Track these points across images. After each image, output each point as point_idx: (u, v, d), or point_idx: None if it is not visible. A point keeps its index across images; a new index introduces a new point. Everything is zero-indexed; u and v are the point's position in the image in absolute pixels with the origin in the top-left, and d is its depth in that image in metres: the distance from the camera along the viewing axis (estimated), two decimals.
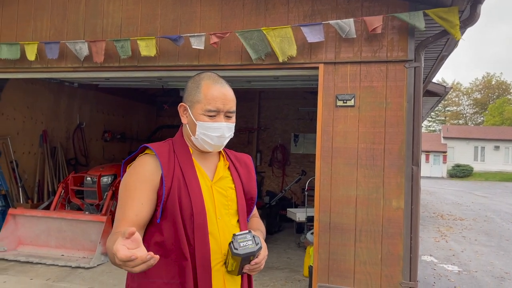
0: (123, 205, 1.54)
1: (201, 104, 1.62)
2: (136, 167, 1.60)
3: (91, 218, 6.10)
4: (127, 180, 1.58)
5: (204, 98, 1.62)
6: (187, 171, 1.61)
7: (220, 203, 1.65)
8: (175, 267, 1.53)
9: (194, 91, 1.65)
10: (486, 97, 58.54)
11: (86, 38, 5.33)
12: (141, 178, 1.56)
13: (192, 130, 1.66)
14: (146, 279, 1.55)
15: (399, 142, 4.27)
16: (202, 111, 1.62)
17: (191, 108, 1.65)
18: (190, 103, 1.66)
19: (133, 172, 1.59)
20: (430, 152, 39.55)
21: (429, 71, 7.13)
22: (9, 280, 5.10)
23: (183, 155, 1.65)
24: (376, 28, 4.20)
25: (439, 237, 9.48)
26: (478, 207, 15.86)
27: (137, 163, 1.62)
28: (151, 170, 1.57)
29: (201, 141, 1.65)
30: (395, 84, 4.31)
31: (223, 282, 1.59)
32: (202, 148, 1.68)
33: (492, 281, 6.14)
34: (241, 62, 4.76)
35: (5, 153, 7.47)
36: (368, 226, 4.31)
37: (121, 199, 1.57)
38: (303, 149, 11.20)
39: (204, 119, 1.62)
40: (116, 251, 1.17)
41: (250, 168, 1.83)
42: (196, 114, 1.63)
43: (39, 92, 8.27)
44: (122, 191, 1.58)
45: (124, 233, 1.20)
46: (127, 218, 1.51)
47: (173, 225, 1.55)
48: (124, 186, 1.58)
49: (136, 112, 11.74)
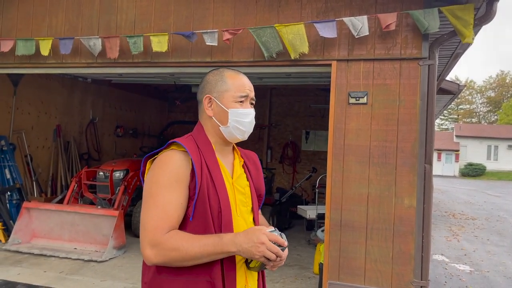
0: (162, 205, 1.49)
1: (230, 92, 1.65)
2: (166, 163, 1.55)
3: (104, 213, 6.17)
4: (159, 177, 1.53)
5: (233, 85, 1.66)
6: (213, 168, 1.60)
7: (240, 200, 1.66)
8: (202, 264, 1.50)
9: (219, 82, 1.67)
10: (500, 95, 57.74)
11: (100, 34, 5.38)
12: (175, 175, 1.52)
13: (222, 119, 1.66)
14: (172, 275, 1.52)
15: (412, 140, 4.24)
16: (233, 98, 1.65)
17: (219, 98, 1.66)
18: (217, 94, 1.66)
19: (165, 168, 1.54)
20: (443, 150, 39.16)
21: (443, 69, 7.07)
22: (23, 272, 5.19)
23: (207, 151, 1.63)
24: (389, 25, 4.17)
25: (451, 236, 9.41)
26: (490, 207, 15.68)
27: (167, 158, 1.56)
28: (183, 166, 1.54)
29: (233, 129, 1.65)
30: (409, 82, 4.28)
31: (245, 278, 1.61)
32: (231, 138, 1.68)
33: (504, 281, 6.08)
34: (253, 58, 4.76)
35: (20, 147, 7.58)
36: (380, 224, 4.29)
37: (155, 197, 1.51)
38: (314, 146, 11.17)
39: (235, 106, 1.65)
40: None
41: (258, 165, 1.85)
42: (226, 102, 1.65)
43: (53, 87, 8.37)
44: (156, 189, 1.52)
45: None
46: (171, 219, 1.48)
47: (203, 223, 1.53)
48: (157, 183, 1.52)
49: (148, 108, 11.81)
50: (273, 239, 1.43)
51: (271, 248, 1.41)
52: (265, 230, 1.45)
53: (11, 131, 7.39)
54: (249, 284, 1.62)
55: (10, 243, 6.06)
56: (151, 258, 1.46)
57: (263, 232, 1.43)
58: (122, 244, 6.17)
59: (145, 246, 1.47)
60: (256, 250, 1.41)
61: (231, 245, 1.44)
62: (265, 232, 1.44)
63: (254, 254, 1.42)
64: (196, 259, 1.44)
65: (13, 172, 7.12)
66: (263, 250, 1.41)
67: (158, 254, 1.45)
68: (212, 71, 1.74)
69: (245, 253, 1.44)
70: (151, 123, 12.00)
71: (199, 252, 1.44)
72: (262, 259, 1.43)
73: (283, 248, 1.46)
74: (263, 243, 1.41)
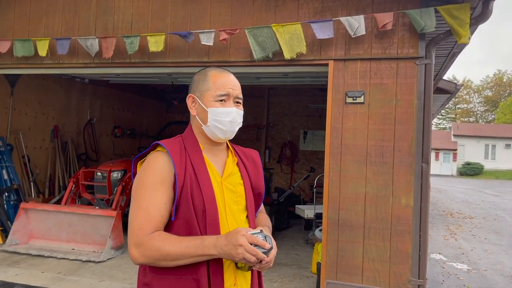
0: (146, 206, 1.52)
1: (210, 91, 1.66)
2: (150, 164, 1.58)
3: (101, 213, 6.16)
4: (143, 179, 1.56)
5: (214, 85, 1.66)
6: (198, 167, 1.61)
7: (230, 199, 1.66)
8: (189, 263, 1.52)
9: (202, 81, 1.69)
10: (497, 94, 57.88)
11: (97, 34, 5.37)
12: (159, 177, 1.55)
13: (203, 119, 1.67)
14: (159, 274, 1.55)
15: (409, 140, 4.26)
16: (213, 98, 1.65)
17: (201, 98, 1.67)
18: (199, 93, 1.68)
19: (149, 170, 1.57)
20: (440, 150, 39.23)
21: (439, 68, 7.08)
22: (21, 273, 5.18)
23: (193, 151, 1.65)
24: (386, 25, 4.18)
25: (449, 235, 9.43)
26: (488, 206, 15.72)
27: (151, 160, 1.60)
28: (166, 167, 1.56)
29: (213, 128, 1.65)
30: (406, 81, 4.29)
31: (234, 277, 1.61)
32: (214, 138, 1.68)
33: (502, 280, 6.10)
34: (250, 58, 4.76)
35: (17, 148, 7.57)
36: (377, 223, 4.30)
37: (140, 198, 1.54)
38: (312, 146, 11.18)
39: (215, 105, 1.65)
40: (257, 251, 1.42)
41: (258, 163, 1.84)
42: (206, 101, 1.66)
43: (50, 87, 8.36)
44: (140, 190, 1.55)
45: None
46: (154, 220, 1.51)
47: (186, 222, 1.55)
48: (142, 184, 1.56)
49: (146, 108, 11.81)
50: (253, 242, 1.43)
51: (250, 251, 1.41)
52: (245, 232, 1.44)
53: (9, 131, 7.37)
54: (239, 283, 1.62)
55: (8, 244, 6.05)
56: (136, 258, 1.50)
57: (242, 234, 1.43)
58: (120, 244, 6.17)
59: (130, 246, 1.51)
60: (235, 252, 1.42)
61: (212, 248, 1.45)
62: (245, 234, 1.43)
63: (233, 256, 1.43)
64: (178, 260, 1.47)
65: (11, 173, 7.11)
66: (242, 252, 1.41)
67: (142, 254, 1.49)
68: (200, 70, 1.75)
69: (226, 255, 1.45)
70: (149, 123, 12.00)
71: (181, 253, 1.46)
72: (243, 261, 1.44)
73: (265, 251, 1.45)
74: (241, 245, 1.41)
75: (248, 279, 1.67)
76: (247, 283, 1.67)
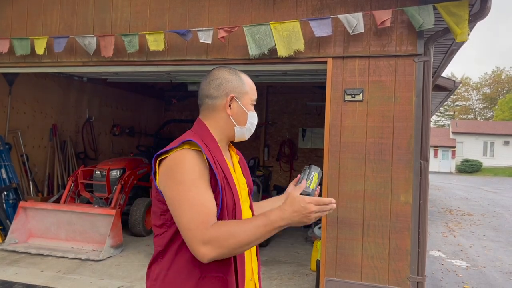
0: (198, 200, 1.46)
1: (249, 95, 1.71)
2: (184, 162, 1.50)
3: (100, 212, 6.15)
4: (183, 177, 1.48)
5: (250, 89, 1.72)
6: (224, 165, 1.60)
7: (243, 196, 1.72)
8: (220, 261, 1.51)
9: (238, 82, 1.69)
10: (496, 91, 57.93)
11: (95, 32, 5.36)
12: (197, 172, 1.49)
13: (240, 120, 1.69)
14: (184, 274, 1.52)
15: (408, 137, 4.26)
16: (251, 101, 1.72)
17: (240, 99, 1.69)
18: (238, 94, 1.68)
19: (185, 168, 1.49)
20: (439, 147, 39.30)
21: (438, 66, 7.09)
22: (20, 272, 5.18)
23: (214, 149, 1.61)
24: (384, 21, 4.17)
25: (447, 232, 9.45)
26: (487, 203, 15.75)
27: (182, 158, 1.51)
28: (202, 165, 1.51)
29: (247, 130, 1.72)
30: (404, 79, 4.29)
31: (251, 271, 1.69)
32: (240, 138, 1.74)
33: (500, 277, 6.12)
34: (249, 56, 4.76)
35: (16, 147, 7.55)
36: (376, 220, 4.31)
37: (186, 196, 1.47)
38: (311, 143, 11.19)
39: (252, 109, 1.73)
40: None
41: (244, 160, 1.92)
42: (246, 104, 1.70)
43: (48, 86, 8.34)
44: (183, 189, 1.47)
45: None
46: (212, 212, 1.47)
47: (222, 219, 1.52)
48: (182, 184, 1.48)
49: (144, 107, 11.79)
50: (318, 202, 1.47)
51: (321, 211, 1.47)
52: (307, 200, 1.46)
53: (7, 130, 7.36)
54: (254, 278, 1.70)
55: (7, 243, 6.05)
56: (208, 254, 1.42)
57: (308, 202, 1.45)
58: (119, 243, 6.17)
59: (198, 246, 1.42)
60: (308, 219, 1.46)
61: (280, 221, 1.46)
62: (310, 200, 1.46)
63: (305, 223, 1.48)
64: (251, 242, 1.45)
65: (9, 171, 7.10)
66: (316, 216, 1.47)
67: (214, 247, 1.41)
68: (225, 69, 1.72)
69: (296, 223, 1.48)
70: (148, 122, 11.98)
71: (253, 234, 1.44)
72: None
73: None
74: (312, 212, 1.45)
75: (256, 275, 1.75)
76: (257, 278, 1.75)
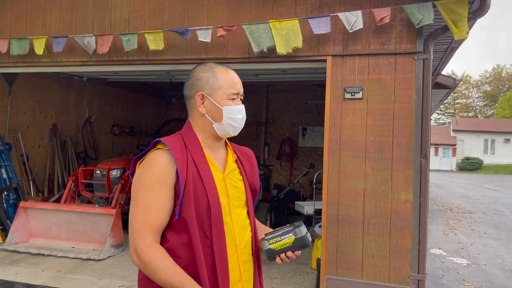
0: (144, 207, 1.51)
1: (223, 89, 1.66)
2: (150, 163, 1.56)
3: (101, 211, 6.15)
4: (143, 178, 1.55)
5: (226, 83, 1.67)
6: (201, 164, 1.60)
7: (233, 195, 1.68)
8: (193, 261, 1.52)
9: (211, 78, 1.67)
10: (496, 89, 57.88)
11: (94, 32, 5.35)
12: (158, 176, 1.53)
13: (215, 117, 1.66)
14: None
15: (408, 135, 4.25)
16: (226, 96, 1.66)
17: (212, 95, 1.66)
18: (209, 91, 1.67)
19: (149, 169, 1.55)
20: (440, 145, 39.25)
21: (438, 63, 7.07)
22: (21, 271, 5.18)
23: (195, 148, 1.63)
24: (383, 18, 4.15)
25: (448, 230, 9.44)
26: (487, 200, 15.74)
27: (151, 159, 1.58)
28: (167, 166, 1.54)
29: (227, 126, 1.67)
30: (404, 77, 4.29)
31: (239, 272, 1.64)
32: (224, 135, 1.70)
33: (501, 274, 6.11)
34: (249, 55, 4.75)
35: (16, 147, 7.55)
36: (376, 219, 4.31)
37: (139, 199, 1.53)
38: (311, 142, 11.17)
39: (228, 103, 1.66)
40: None
41: (252, 160, 1.87)
42: (219, 99, 1.66)
43: (48, 86, 8.33)
44: (139, 190, 1.54)
45: None
46: (151, 222, 1.51)
47: (190, 219, 1.53)
48: (141, 185, 1.55)
49: (144, 106, 11.79)
50: None
51: None
52: None
53: (7, 130, 7.35)
54: (244, 279, 1.64)
55: (8, 242, 6.04)
56: (133, 260, 1.52)
57: None
58: (120, 242, 6.17)
59: (131, 247, 1.53)
60: None
61: None
62: None
63: None
64: (163, 284, 1.47)
65: (10, 171, 7.10)
66: None
67: (136, 259, 1.51)
68: (200, 66, 1.73)
69: None
70: (148, 121, 11.98)
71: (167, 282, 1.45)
72: None
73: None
74: None
75: (251, 275, 1.70)
76: (250, 278, 1.70)
